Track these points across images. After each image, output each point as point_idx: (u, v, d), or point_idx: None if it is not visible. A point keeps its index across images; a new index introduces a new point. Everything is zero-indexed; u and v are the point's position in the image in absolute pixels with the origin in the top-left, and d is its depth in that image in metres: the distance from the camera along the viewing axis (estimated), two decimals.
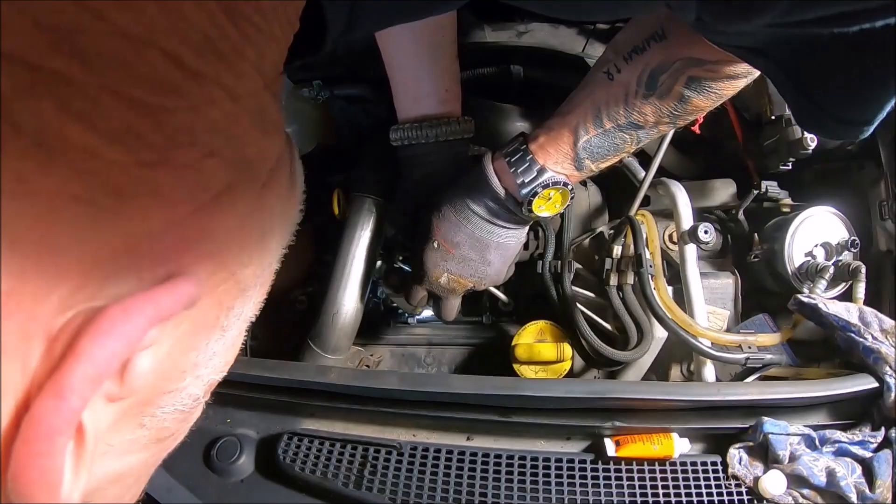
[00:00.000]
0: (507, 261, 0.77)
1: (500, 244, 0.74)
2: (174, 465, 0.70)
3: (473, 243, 0.73)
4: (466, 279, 0.76)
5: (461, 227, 0.72)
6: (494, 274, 0.77)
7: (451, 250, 0.74)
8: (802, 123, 0.49)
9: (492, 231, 0.73)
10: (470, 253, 0.74)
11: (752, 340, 0.77)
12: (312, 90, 0.98)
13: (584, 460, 0.64)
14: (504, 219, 0.71)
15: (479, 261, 0.74)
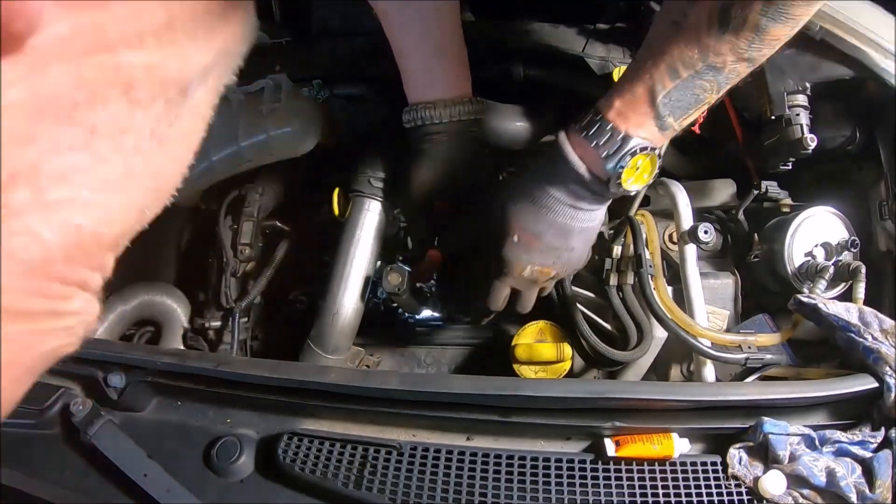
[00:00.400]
0: (588, 244, 0.74)
1: (583, 228, 0.70)
2: (174, 465, 0.70)
3: (557, 231, 0.69)
4: (551, 267, 0.73)
5: (542, 216, 0.69)
6: (577, 259, 0.75)
7: (533, 241, 0.70)
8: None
9: (575, 216, 0.69)
10: (553, 241, 0.70)
11: (751, 340, 0.77)
12: (312, 90, 0.98)
13: (584, 460, 0.64)
14: (588, 201, 0.68)
15: (563, 248, 0.71)
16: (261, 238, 1.06)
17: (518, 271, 0.73)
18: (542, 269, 0.73)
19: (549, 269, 0.73)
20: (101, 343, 1.02)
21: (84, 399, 0.76)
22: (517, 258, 0.72)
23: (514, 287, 0.77)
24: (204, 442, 0.72)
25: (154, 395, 0.78)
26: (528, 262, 0.72)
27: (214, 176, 1.04)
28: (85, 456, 0.74)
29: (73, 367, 0.82)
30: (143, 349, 0.94)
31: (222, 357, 0.80)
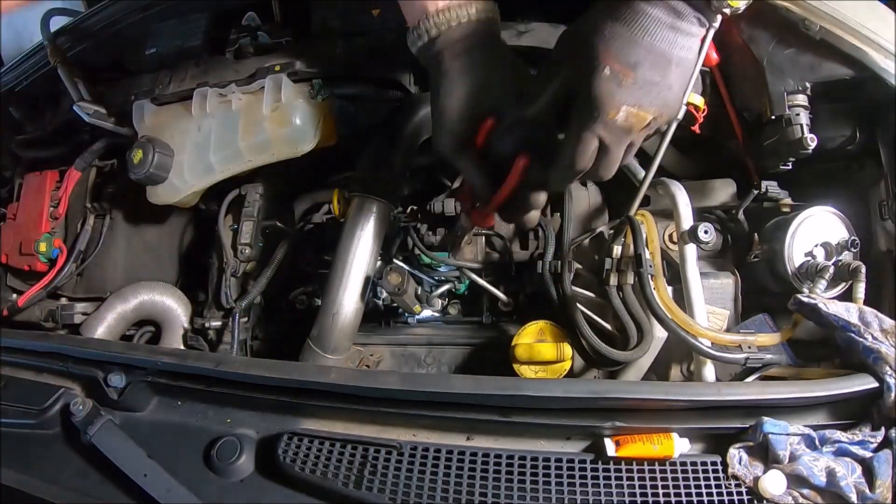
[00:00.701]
0: (685, 82, 0.65)
1: (682, 59, 0.62)
2: (174, 465, 0.70)
3: (655, 60, 0.61)
4: (648, 109, 0.62)
5: (638, 40, 0.60)
6: (675, 101, 0.65)
7: (628, 73, 0.61)
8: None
9: (675, 41, 0.61)
10: (651, 74, 0.61)
11: (751, 340, 0.77)
12: (312, 90, 0.98)
13: (584, 460, 0.64)
14: (689, 20, 0.61)
15: (661, 84, 0.62)
16: (261, 238, 1.06)
17: (611, 113, 0.62)
18: (639, 112, 0.62)
19: (645, 112, 0.62)
20: (101, 343, 1.02)
21: (84, 399, 0.76)
22: (610, 95, 0.61)
23: (602, 139, 0.64)
24: (204, 442, 0.72)
25: (154, 395, 0.78)
26: (623, 101, 0.61)
27: (214, 176, 1.04)
28: (85, 456, 0.74)
29: (73, 367, 0.82)
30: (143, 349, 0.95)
31: (222, 357, 0.80)
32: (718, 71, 0.90)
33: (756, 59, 0.83)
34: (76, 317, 1.16)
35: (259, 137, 0.97)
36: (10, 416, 0.81)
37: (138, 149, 1.02)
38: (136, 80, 1.14)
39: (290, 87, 0.97)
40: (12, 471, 0.75)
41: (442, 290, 1.01)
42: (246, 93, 1.01)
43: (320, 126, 0.97)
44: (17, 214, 1.23)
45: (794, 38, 0.81)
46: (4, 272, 1.24)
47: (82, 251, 1.17)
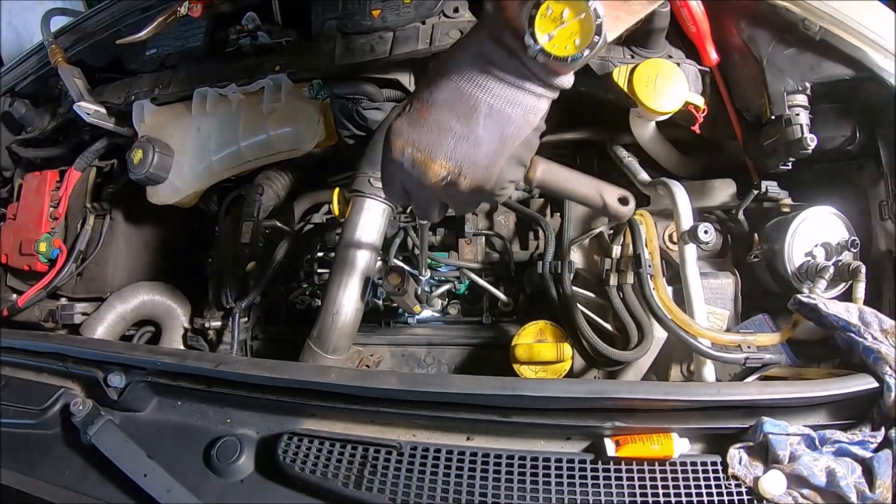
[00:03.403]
0: (505, 144, 0.53)
1: (494, 110, 0.51)
2: (174, 465, 0.70)
3: (457, 101, 0.52)
4: (438, 160, 0.53)
5: (443, 78, 0.52)
6: (483, 160, 0.53)
7: (422, 111, 0.53)
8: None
9: (485, 85, 0.51)
10: (449, 117, 0.52)
11: (751, 340, 0.77)
12: (312, 90, 0.98)
13: (584, 460, 0.64)
14: (504, 67, 0.51)
15: (461, 133, 0.52)
16: (261, 238, 1.06)
17: (396, 149, 0.54)
18: (426, 159, 0.53)
19: (435, 161, 0.53)
20: (101, 343, 1.03)
21: (84, 399, 0.76)
22: (398, 131, 0.54)
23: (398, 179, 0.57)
24: (204, 442, 0.72)
25: (154, 395, 0.78)
26: (408, 141, 0.54)
27: (214, 176, 1.04)
28: (85, 456, 0.74)
29: (73, 367, 0.82)
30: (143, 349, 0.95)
31: (222, 357, 0.80)
32: (718, 71, 0.90)
33: (756, 59, 0.83)
34: (76, 317, 1.16)
35: (259, 137, 0.97)
36: (10, 416, 0.81)
37: (138, 149, 1.03)
38: (136, 80, 1.14)
39: (290, 87, 0.97)
40: (12, 471, 0.75)
41: (442, 290, 1.01)
42: (246, 93, 1.01)
43: (320, 126, 0.97)
44: (17, 214, 1.23)
45: (794, 38, 0.81)
46: (4, 272, 1.24)
47: (82, 251, 1.17)
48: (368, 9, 0.99)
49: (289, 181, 1.10)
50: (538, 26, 0.47)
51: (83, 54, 1.21)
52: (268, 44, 1.07)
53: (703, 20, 0.87)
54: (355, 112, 0.96)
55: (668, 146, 0.96)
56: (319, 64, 0.98)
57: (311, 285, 1.05)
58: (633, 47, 0.88)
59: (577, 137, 1.03)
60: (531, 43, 0.48)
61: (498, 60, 0.51)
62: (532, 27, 0.47)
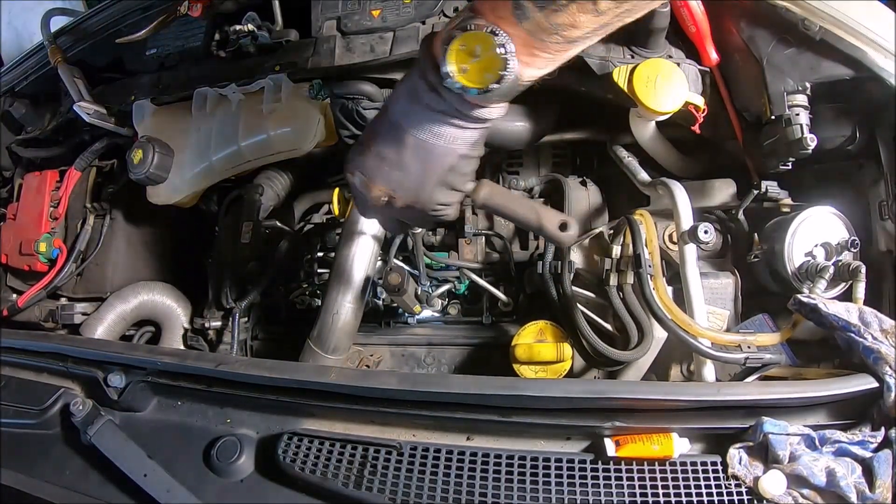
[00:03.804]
0: (430, 172, 0.59)
1: (419, 141, 0.57)
2: (174, 465, 0.70)
3: (389, 133, 0.58)
4: (378, 184, 0.61)
5: (384, 112, 0.59)
6: (412, 185, 0.60)
7: (369, 143, 0.61)
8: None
9: (411, 118, 0.56)
10: (384, 147, 0.59)
11: (751, 340, 0.77)
12: (312, 90, 0.98)
13: (584, 460, 0.64)
14: (427, 101, 0.55)
15: (392, 162, 0.59)
16: (261, 238, 1.06)
17: (348, 174, 0.63)
18: (369, 183, 0.61)
19: (375, 185, 0.61)
20: (101, 343, 1.03)
21: (84, 399, 0.76)
22: (350, 157, 0.63)
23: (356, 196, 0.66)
24: (204, 442, 0.72)
25: (154, 395, 0.78)
26: (356, 167, 0.62)
27: (214, 176, 1.04)
28: (85, 456, 0.74)
29: (73, 367, 0.82)
30: (143, 349, 0.95)
31: (222, 357, 0.80)
32: (718, 71, 0.90)
33: (756, 59, 0.83)
34: (76, 317, 1.16)
35: (259, 137, 0.97)
36: (10, 416, 0.81)
37: (138, 149, 1.03)
38: (136, 80, 1.14)
39: (290, 87, 0.97)
40: (12, 471, 0.75)
41: (442, 290, 1.01)
42: (246, 93, 1.01)
43: (320, 126, 0.97)
44: (17, 214, 1.23)
45: (794, 38, 0.81)
46: (4, 272, 1.24)
47: (82, 251, 1.17)
48: (368, 9, 0.99)
49: (289, 181, 1.10)
50: (452, 60, 0.50)
51: (83, 54, 1.21)
52: (268, 44, 1.07)
53: (703, 20, 0.87)
54: (355, 112, 0.96)
55: (668, 146, 0.96)
56: (319, 64, 0.98)
57: (311, 285, 1.05)
58: (633, 47, 0.88)
59: (577, 137, 1.03)
60: (445, 76, 0.51)
61: (423, 95, 0.55)
62: (446, 61, 0.51)
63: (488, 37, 0.49)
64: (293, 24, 1.08)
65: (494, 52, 0.50)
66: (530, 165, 1.11)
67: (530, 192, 1.05)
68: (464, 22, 0.51)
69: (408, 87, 0.57)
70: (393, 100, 0.59)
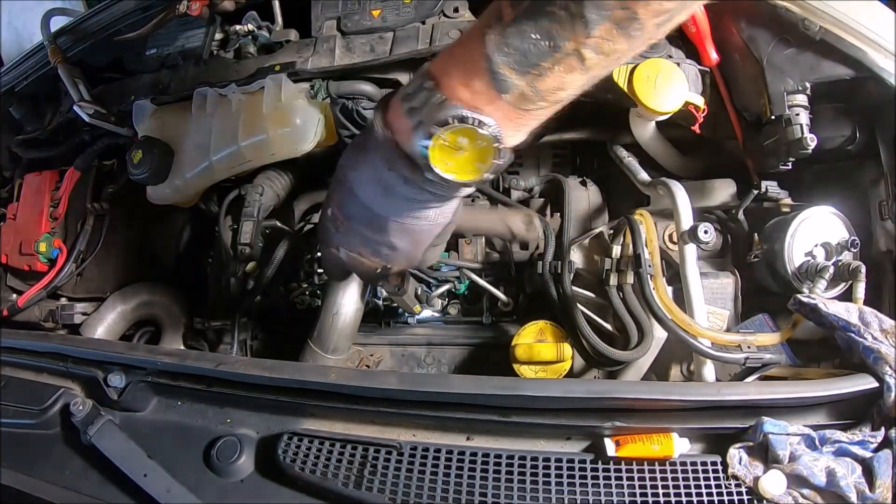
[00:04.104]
0: (419, 245, 0.59)
1: (403, 226, 0.56)
2: (174, 465, 0.70)
3: (368, 220, 0.56)
4: (368, 257, 0.61)
5: (351, 196, 0.56)
6: (404, 259, 0.61)
7: (345, 223, 0.59)
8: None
9: (389, 209, 0.54)
10: (365, 230, 0.58)
11: (751, 340, 0.77)
12: (312, 90, 0.98)
13: (584, 460, 0.64)
14: (402, 193, 0.52)
15: (378, 241, 0.58)
16: (261, 238, 1.06)
17: (331, 248, 0.63)
18: (360, 258, 0.61)
19: (368, 258, 0.61)
20: (101, 343, 1.03)
21: (84, 399, 0.76)
22: (328, 235, 0.62)
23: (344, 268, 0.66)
24: (204, 442, 0.72)
25: (154, 395, 0.78)
26: (339, 243, 0.61)
27: (214, 176, 1.04)
28: (85, 456, 0.74)
29: (73, 367, 0.82)
30: (143, 349, 0.95)
31: (222, 357, 0.80)
32: (718, 71, 0.90)
33: (756, 59, 0.83)
34: (76, 317, 1.16)
35: (259, 137, 0.97)
36: (10, 416, 0.81)
37: (138, 149, 1.02)
38: (136, 80, 1.14)
39: (290, 87, 0.97)
40: (12, 471, 0.75)
41: (442, 290, 1.01)
42: (246, 93, 1.01)
43: (320, 126, 0.97)
44: (17, 214, 1.23)
45: (794, 38, 0.81)
46: (4, 272, 1.24)
47: (82, 251, 1.17)
48: (368, 9, 0.99)
49: (289, 181, 1.10)
50: (434, 159, 0.46)
51: (83, 54, 1.20)
52: (268, 44, 1.07)
53: (703, 20, 0.87)
54: (355, 112, 0.96)
55: (668, 146, 0.96)
56: (319, 64, 0.98)
57: (311, 285, 1.05)
58: None
59: (577, 137, 1.03)
60: (428, 170, 0.47)
61: (397, 187, 0.52)
62: (428, 161, 0.46)
63: (474, 131, 0.45)
64: (293, 24, 1.08)
65: (484, 145, 0.46)
66: (530, 165, 1.11)
67: (530, 192, 1.04)
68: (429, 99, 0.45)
69: (374, 177, 0.52)
70: (358, 186, 0.54)
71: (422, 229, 0.57)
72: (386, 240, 0.58)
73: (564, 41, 0.41)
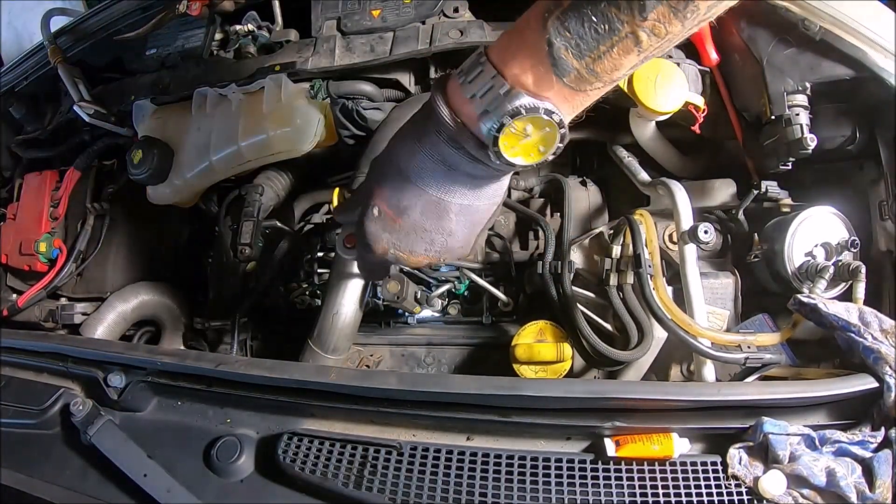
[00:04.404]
0: (476, 228, 0.59)
1: (464, 207, 0.55)
2: (174, 465, 0.70)
3: (427, 208, 0.55)
4: (419, 255, 0.59)
5: (407, 187, 0.55)
6: (460, 246, 0.60)
7: (396, 219, 0.57)
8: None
9: (451, 190, 0.54)
10: (423, 220, 0.56)
11: (751, 340, 0.77)
12: (312, 90, 0.98)
13: (584, 460, 0.64)
14: (467, 171, 0.53)
15: (436, 230, 0.57)
16: (261, 238, 1.06)
17: (379, 252, 0.60)
18: (410, 257, 0.59)
19: (417, 256, 0.59)
20: (101, 343, 1.02)
21: (84, 399, 0.76)
22: (377, 236, 0.59)
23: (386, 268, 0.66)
24: (204, 442, 0.72)
25: (154, 395, 0.78)
26: (390, 243, 0.59)
27: (214, 176, 1.04)
28: (85, 456, 0.74)
29: (73, 367, 0.82)
30: (143, 349, 0.95)
31: (222, 357, 0.80)
32: (718, 71, 0.90)
33: (756, 59, 0.83)
34: (76, 317, 1.16)
35: (259, 137, 0.97)
36: (10, 416, 0.81)
37: (138, 149, 1.02)
38: (136, 80, 1.14)
39: (290, 87, 0.97)
40: (12, 471, 0.75)
41: (442, 290, 1.01)
42: (246, 93, 1.01)
43: (320, 126, 0.97)
44: (17, 214, 1.23)
45: (794, 38, 0.81)
46: (4, 272, 1.24)
47: (82, 251, 1.17)
48: (368, 9, 0.99)
49: (289, 181, 1.10)
50: (503, 144, 0.48)
51: (83, 54, 1.20)
52: (268, 44, 1.07)
53: None
54: (355, 112, 0.96)
55: (668, 146, 0.96)
56: (319, 64, 0.98)
57: (311, 285, 1.05)
58: None
59: (577, 137, 1.03)
60: (497, 159, 0.49)
61: (461, 165, 0.52)
62: (497, 146, 0.48)
63: (552, 124, 0.47)
64: (293, 24, 1.08)
65: (549, 130, 0.47)
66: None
67: (530, 192, 1.04)
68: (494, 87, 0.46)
69: (436, 158, 0.52)
70: (416, 174, 0.54)
71: (480, 209, 0.57)
72: (446, 226, 0.57)
73: (622, 24, 0.42)
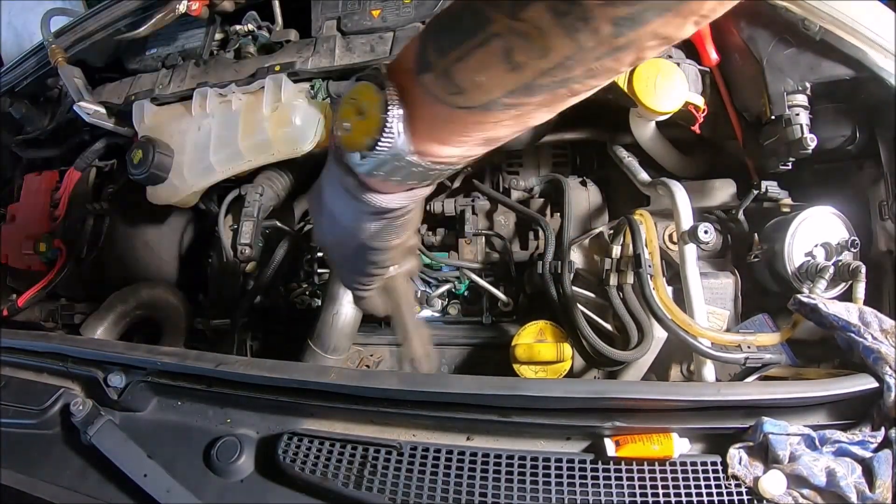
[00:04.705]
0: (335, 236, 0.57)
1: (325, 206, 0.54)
2: (174, 465, 0.70)
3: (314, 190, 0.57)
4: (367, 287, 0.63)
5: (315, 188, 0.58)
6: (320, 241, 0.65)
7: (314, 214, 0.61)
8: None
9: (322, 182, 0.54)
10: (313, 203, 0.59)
11: (751, 340, 0.77)
12: (312, 89, 0.98)
13: (584, 460, 0.64)
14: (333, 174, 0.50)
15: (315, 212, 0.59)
16: (261, 238, 1.06)
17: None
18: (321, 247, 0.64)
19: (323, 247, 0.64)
20: (101, 343, 1.02)
21: (84, 399, 0.76)
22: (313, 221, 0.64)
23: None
24: (204, 442, 0.72)
25: (154, 395, 0.78)
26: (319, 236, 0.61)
27: (214, 176, 1.04)
28: (85, 456, 0.74)
29: (73, 367, 0.82)
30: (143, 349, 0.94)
31: (222, 357, 0.80)
32: (718, 71, 0.90)
33: (756, 59, 0.83)
34: (76, 317, 1.16)
35: (259, 137, 0.97)
36: (10, 416, 0.81)
37: (138, 149, 1.02)
38: (136, 80, 1.14)
39: (290, 87, 0.97)
40: (12, 471, 0.75)
41: (442, 290, 1.01)
42: (246, 93, 1.01)
43: (320, 126, 0.97)
44: (17, 214, 1.23)
45: (794, 38, 0.81)
46: (4, 272, 1.24)
47: (82, 251, 1.17)
48: (368, 9, 0.99)
49: (289, 181, 1.10)
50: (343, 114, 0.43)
51: (83, 54, 1.20)
52: (268, 44, 1.07)
53: None
54: None
55: (668, 146, 0.96)
56: (319, 64, 0.98)
57: (311, 285, 1.05)
58: None
59: (577, 137, 1.03)
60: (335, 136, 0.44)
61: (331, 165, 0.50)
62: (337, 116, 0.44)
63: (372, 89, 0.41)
64: (293, 24, 1.08)
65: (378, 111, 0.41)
66: (530, 165, 1.11)
67: (530, 192, 1.04)
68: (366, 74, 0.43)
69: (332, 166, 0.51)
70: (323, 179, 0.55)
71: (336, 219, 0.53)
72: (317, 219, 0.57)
73: (489, 22, 0.36)
